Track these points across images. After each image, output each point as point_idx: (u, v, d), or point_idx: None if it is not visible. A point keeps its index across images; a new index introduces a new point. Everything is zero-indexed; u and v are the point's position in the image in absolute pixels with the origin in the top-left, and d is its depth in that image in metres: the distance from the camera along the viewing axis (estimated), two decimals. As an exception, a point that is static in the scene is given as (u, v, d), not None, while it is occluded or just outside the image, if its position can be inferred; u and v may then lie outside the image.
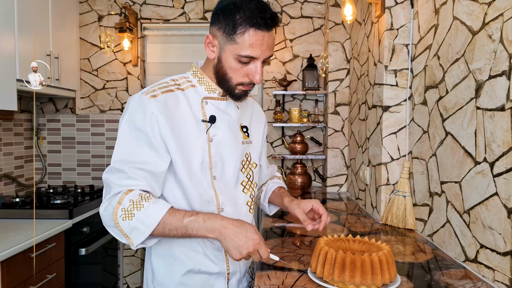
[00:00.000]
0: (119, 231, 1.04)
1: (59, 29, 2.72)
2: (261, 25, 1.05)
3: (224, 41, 1.09)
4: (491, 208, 1.17)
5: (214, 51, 1.13)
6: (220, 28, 1.09)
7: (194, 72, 1.20)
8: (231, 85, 1.14)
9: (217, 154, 1.16)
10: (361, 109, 2.41)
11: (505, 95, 1.11)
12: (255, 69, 1.10)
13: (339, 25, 2.85)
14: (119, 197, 1.03)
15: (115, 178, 1.06)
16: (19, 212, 2.23)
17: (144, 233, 1.02)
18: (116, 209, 1.02)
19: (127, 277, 3.19)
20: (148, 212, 1.02)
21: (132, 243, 1.04)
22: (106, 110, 3.16)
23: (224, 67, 1.11)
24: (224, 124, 1.18)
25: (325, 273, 1.09)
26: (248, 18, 1.05)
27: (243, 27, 1.05)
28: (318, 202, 1.29)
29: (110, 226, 1.05)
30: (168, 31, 3.20)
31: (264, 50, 1.08)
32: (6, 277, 1.69)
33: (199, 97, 1.17)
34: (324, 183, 3.06)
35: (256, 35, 1.05)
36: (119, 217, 1.02)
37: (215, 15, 1.11)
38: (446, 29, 1.48)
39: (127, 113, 1.10)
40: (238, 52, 1.07)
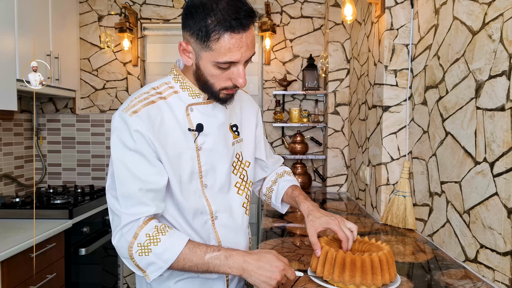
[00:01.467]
0: (135, 265, 1.01)
1: (59, 29, 2.72)
2: (236, 27, 0.95)
3: (199, 48, 1.00)
4: (491, 208, 1.17)
5: (191, 57, 1.04)
6: (193, 34, 0.99)
7: (175, 76, 1.12)
8: (214, 91, 1.06)
9: (208, 162, 1.12)
10: (361, 109, 2.41)
11: (505, 95, 1.11)
12: (237, 73, 1.02)
13: (339, 25, 2.85)
14: (134, 232, 0.99)
15: (122, 206, 1.02)
16: (19, 212, 2.23)
17: (161, 268, 1.00)
18: (132, 244, 0.99)
19: (127, 277, 3.19)
20: (166, 246, 0.99)
21: (149, 278, 1.01)
22: (106, 110, 3.16)
23: (204, 74, 1.04)
24: (212, 129, 1.12)
25: (325, 273, 1.09)
26: (221, 21, 0.94)
27: (216, 32, 0.95)
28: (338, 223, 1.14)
29: (125, 258, 1.02)
30: (168, 31, 3.20)
31: (244, 52, 0.99)
32: (6, 277, 1.69)
33: (183, 104, 1.10)
34: (324, 183, 3.06)
35: (232, 38, 0.96)
36: (135, 253, 0.99)
37: (185, 19, 1.01)
38: (446, 29, 1.48)
39: (114, 135, 1.05)
40: (215, 59, 0.98)
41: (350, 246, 1.13)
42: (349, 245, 1.13)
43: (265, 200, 1.44)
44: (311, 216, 1.17)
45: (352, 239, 1.14)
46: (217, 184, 1.15)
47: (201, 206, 1.12)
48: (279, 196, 1.36)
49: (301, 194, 1.30)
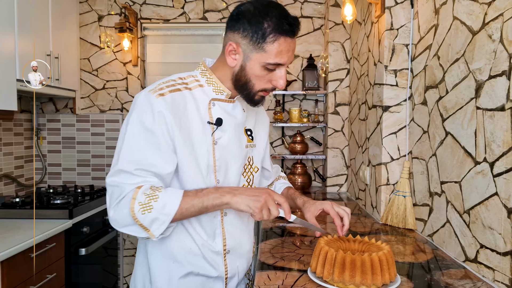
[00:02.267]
0: (138, 226, 1.02)
1: (59, 29, 2.72)
2: (289, 32, 1.05)
3: (251, 50, 1.07)
4: (491, 208, 1.17)
5: (237, 59, 1.10)
6: (246, 36, 1.06)
7: (202, 71, 1.17)
8: (252, 92, 1.12)
9: (221, 157, 1.14)
10: (361, 109, 2.41)
11: (505, 95, 1.11)
12: (279, 75, 1.10)
13: (339, 25, 2.85)
14: (132, 194, 1.01)
15: (123, 179, 1.03)
16: (19, 212, 2.23)
17: (164, 222, 1.02)
18: (133, 204, 1.00)
19: (127, 277, 3.19)
20: (165, 201, 1.02)
21: (153, 235, 1.03)
22: (106, 110, 3.16)
23: (248, 74, 1.09)
24: (230, 127, 1.16)
25: (325, 273, 1.09)
26: (277, 25, 1.04)
27: (273, 35, 1.04)
28: (331, 204, 1.25)
29: (127, 225, 1.03)
30: (168, 31, 3.20)
31: (290, 56, 1.09)
32: (6, 277, 1.69)
33: (207, 98, 1.14)
34: (324, 183, 3.06)
35: (285, 42, 1.05)
36: (138, 212, 1.00)
37: (236, 22, 1.08)
38: (446, 29, 1.48)
39: (134, 112, 1.06)
40: (266, 60, 1.06)
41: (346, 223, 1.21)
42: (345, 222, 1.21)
43: None
44: (306, 204, 1.28)
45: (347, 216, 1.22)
46: (227, 181, 1.17)
47: None
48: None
49: (296, 192, 1.37)
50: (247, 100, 1.15)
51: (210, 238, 1.15)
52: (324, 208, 1.24)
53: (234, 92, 1.16)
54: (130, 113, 1.08)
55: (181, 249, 1.14)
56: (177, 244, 1.14)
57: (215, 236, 1.16)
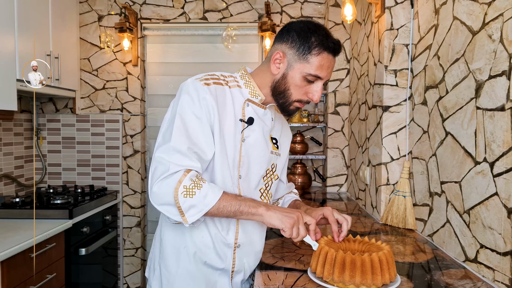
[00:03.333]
0: (176, 208, 1.05)
1: (59, 29, 2.72)
2: (333, 50, 1.15)
3: (295, 60, 1.15)
4: (491, 208, 1.17)
5: (280, 67, 1.17)
6: (293, 47, 1.15)
7: (242, 74, 1.25)
8: (289, 101, 1.19)
9: (246, 155, 1.20)
10: (361, 109, 2.41)
11: (505, 95, 1.11)
12: (316, 89, 1.17)
13: (339, 25, 2.85)
14: (180, 176, 1.05)
15: (172, 158, 1.07)
16: (19, 212, 2.23)
17: (201, 211, 1.06)
18: (178, 186, 1.04)
19: (127, 277, 3.19)
20: (207, 192, 1.06)
21: (186, 221, 1.06)
22: (106, 110, 3.16)
23: (288, 83, 1.17)
24: (259, 128, 1.22)
25: (325, 273, 1.09)
26: (323, 41, 1.13)
27: (318, 48, 1.13)
28: (331, 210, 1.27)
29: (166, 203, 1.06)
30: (168, 31, 3.20)
31: (329, 73, 1.17)
32: (6, 277, 1.69)
33: (243, 98, 1.21)
34: (324, 183, 3.05)
35: (327, 58, 1.14)
36: (181, 194, 1.04)
37: (287, 33, 1.17)
38: (446, 29, 1.48)
39: (182, 96, 1.13)
40: (308, 71, 1.14)
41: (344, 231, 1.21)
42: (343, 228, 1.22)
43: None
44: (309, 210, 1.31)
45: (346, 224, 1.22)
46: (248, 179, 1.22)
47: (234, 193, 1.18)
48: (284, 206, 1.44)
49: (302, 204, 1.40)
50: (282, 109, 1.23)
51: (224, 230, 1.20)
52: (324, 213, 1.26)
53: (269, 99, 1.23)
54: (178, 97, 1.15)
55: (194, 236, 1.19)
56: (190, 231, 1.19)
57: (229, 229, 1.20)
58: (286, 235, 1.09)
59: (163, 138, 1.12)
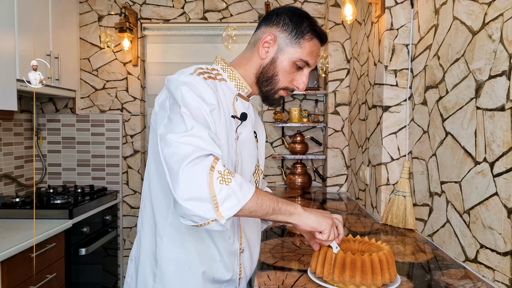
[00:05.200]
0: (210, 200, 0.86)
1: (59, 29, 2.72)
2: (323, 38, 1.14)
3: (287, 43, 1.10)
4: (491, 208, 1.17)
5: (269, 51, 1.12)
6: (286, 30, 1.11)
7: (223, 66, 1.15)
8: (275, 88, 1.14)
9: (240, 153, 1.14)
10: (361, 109, 2.41)
11: (505, 95, 1.11)
12: (303, 76, 1.14)
13: (339, 25, 2.85)
14: (212, 160, 0.88)
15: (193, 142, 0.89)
16: (19, 212, 2.23)
17: (239, 203, 0.89)
18: (212, 170, 0.87)
19: (127, 277, 3.19)
20: (241, 180, 0.91)
21: (222, 217, 0.87)
22: (106, 110, 3.16)
23: (277, 68, 1.12)
24: (249, 124, 1.17)
25: (325, 273, 1.08)
26: (314, 28, 1.11)
27: (311, 34, 1.11)
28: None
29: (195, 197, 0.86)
30: (168, 31, 3.20)
31: (316, 61, 1.15)
32: (6, 277, 1.69)
33: (230, 91, 1.13)
34: (324, 183, 3.05)
35: (317, 45, 1.13)
36: (216, 179, 0.87)
37: (277, 17, 1.12)
38: (446, 29, 1.48)
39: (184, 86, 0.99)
40: (299, 56, 1.10)
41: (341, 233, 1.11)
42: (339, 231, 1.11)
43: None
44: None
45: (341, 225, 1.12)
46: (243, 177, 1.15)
47: None
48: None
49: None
50: (265, 98, 1.17)
51: (229, 236, 1.12)
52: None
53: (254, 89, 1.16)
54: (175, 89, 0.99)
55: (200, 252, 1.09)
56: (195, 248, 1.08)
57: (234, 235, 1.13)
58: (323, 238, 1.02)
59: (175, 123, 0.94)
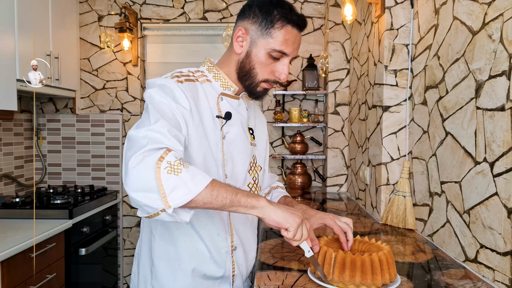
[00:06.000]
0: (156, 190, 0.84)
1: (59, 29, 2.72)
2: (297, 23, 1.08)
3: (258, 35, 1.09)
4: (491, 208, 1.17)
5: (243, 45, 1.11)
6: (255, 22, 1.09)
7: (209, 67, 1.18)
8: (255, 81, 1.13)
9: (228, 152, 1.14)
10: (361, 109, 2.41)
11: (505, 95, 1.11)
12: (282, 67, 1.11)
13: (339, 25, 2.85)
14: (162, 152, 0.87)
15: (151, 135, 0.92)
16: (19, 212, 2.23)
17: (188, 194, 0.85)
18: (159, 161, 0.86)
19: (127, 277, 3.19)
20: (195, 172, 0.88)
21: (169, 206, 0.85)
22: (106, 110, 3.16)
23: (253, 61, 1.10)
24: (237, 122, 1.17)
25: (325, 273, 1.08)
26: (286, 14, 1.07)
27: (281, 22, 1.07)
28: (333, 218, 1.17)
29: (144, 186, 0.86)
30: (168, 31, 3.20)
31: (295, 49, 1.10)
32: (6, 277, 1.69)
33: (215, 92, 1.15)
34: (324, 183, 3.05)
35: (292, 32, 1.08)
36: (164, 169, 0.85)
37: (249, 9, 1.11)
38: (446, 29, 1.48)
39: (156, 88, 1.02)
40: (272, 46, 1.08)
41: (350, 238, 1.15)
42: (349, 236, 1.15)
43: None
44: (305, 215, 1.18)
45: (351, 230, 1.16)
46: (233, 176, 1.17)
47: None
48: None
49: (294, 201, 1.31)
50: (249, 92, 1.16)
51: (218, 233, 1.13)
52: (326, 223, 1.16)
53: (240, 87, 1.17)
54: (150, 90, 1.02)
55: (189, 249, 1.11)
56: (184, 244, 1.11)
57: (223, 232, 1.14)
58: (289, 236, 0.96)
59: (142, 120, 1.00)
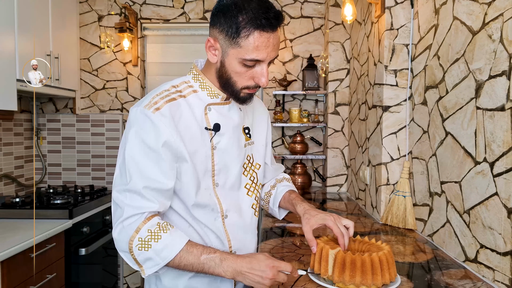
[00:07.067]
0: (132, 259, 1.02)
1: (59, 29, 2.72)
2: (266, 26, 0.99)
3: (227, 45, 1.02)
4: (491, 208, 1.17)
5: (216, 54, 1.07)
6: (222, 31, 1.02)
7: (195, 75, 1.15)
8: (236, 89, 1.08)
9: (221, 161, 1.13)
10: (361, 109, 2.41)
11: (505, 95, 1.11)
12: (261, 72, 1.05)
13: (339, 25, 2.85)
14: (137, 226, 1.00)
15: (127, 199, 1.02)
16: (19, 212, 2.23)
17: (158, 265, 1.01)
18: (133, 237, 1.00)
19: (127, 277, 3.19)
20: (166, 243, 1.00)
21: (144, 273, 1.02)
22: (106, 110, 3.16)
23: (228, 71, 1.06)
24: (227, 130, 1.14)
25: (322, 271, 1.08)
26: (252, 19, 0.98)
27: (247, 29, 0.99)
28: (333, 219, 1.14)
29: (123, 251, 1.04)
30: (168, 31, 3.20)
31: (270, 51, 1.03)
32: (6, 277, 1.69)
33: (202, 103, 1.12)
34: (324, 183, 3.05)
35: (261, 37, 1.00)
36: (135, 246, 1.00)
37: (215, 17, 1.05)
38: (446, 29, 1.48)
39: (132, 129, 1.04)
40: (242, 56, 1.01)
41: (346, 243, 1.12)
42: (345, 241, 1.12)
43: (263, 205, 1.42)
44: (307, 215, 1.18)
45: (348, 236, 1.13)
46: (228, 183, 1.16)
47: (212, 203, 1.13)
48: (276, 200, 1.35)
49: (298, 197, 1.29)
50: (234, 99, 1.12)
51: (217, 238, 1.15)
52: (327, 224, 1.14)
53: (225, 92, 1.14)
54: (128, 129, 1.06)
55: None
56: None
57: (220, 238, 1.15)
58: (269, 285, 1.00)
59: (120, 172, 1.05)
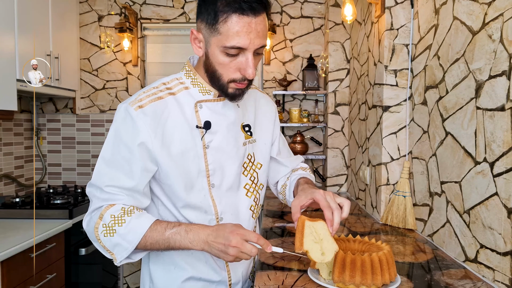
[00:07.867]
0: (102, 247, 1.02)
1: (59, 29, 2.72)
2: (246, 9, 0.92)
3: (208, 34, 0.97)
4: (491, 208, 1.17)
5: (201, 46, 1.02)
6: (203, 20, 0.97)
7: (187, 72, 1.11)
8: (222, 83, 1.02)
9: (215, 161, 1.09)
10: (361, 109, 2.41)
11: (505, 95, 1.11)
12: (246, 62, 0.97)
13: (339, 25, 2.85)
14: (100, 212, 1.01)
15: (97, 192, 1.03)
16: (19, 212, 2.23)
17: (126, 249, 0.99)
18: (97, 224, 1.00)
19: (127, 277, 3.19)
20: (130, 227, 0.99)
21: (116, 259, 1.01)
22: (106, 110, 3.16)
23: (213, 63, 1.00)
24: (221, 128, 1.09)
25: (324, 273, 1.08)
26: (230, 3, 0.92)
27: (224, 13, 0.92)
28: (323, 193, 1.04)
29: (94, 240, 1.04)
30: (168, 31, 3.20)
31: (253, 38, 0.94)
32: (6, 277, 1.69)
33: (193, 100, 1.07)
34: (324, 183, 3.06)
35: (241, 21, 0.92)
36: (101, 233, 1.00)
37: (198, 7, 1.01)
38: (446, 29, 1.48)
39: (113, 124, 1.05)
40: (223, 43, 0.94)
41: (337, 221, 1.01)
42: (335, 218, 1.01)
43: (282, 200, 1.36)
44: (301, 192, 1.10)
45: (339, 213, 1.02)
46: (225, 184, 1.12)
47: (206, 205, 1.09)
48: (291, 191, 1.26)
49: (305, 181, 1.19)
50: (223, 95, 1.06)
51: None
52: (314, 197, 1.04)
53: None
54: (112, 126, 1.06)
55: (183, 253, 1.10)
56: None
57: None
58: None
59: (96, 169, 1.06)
